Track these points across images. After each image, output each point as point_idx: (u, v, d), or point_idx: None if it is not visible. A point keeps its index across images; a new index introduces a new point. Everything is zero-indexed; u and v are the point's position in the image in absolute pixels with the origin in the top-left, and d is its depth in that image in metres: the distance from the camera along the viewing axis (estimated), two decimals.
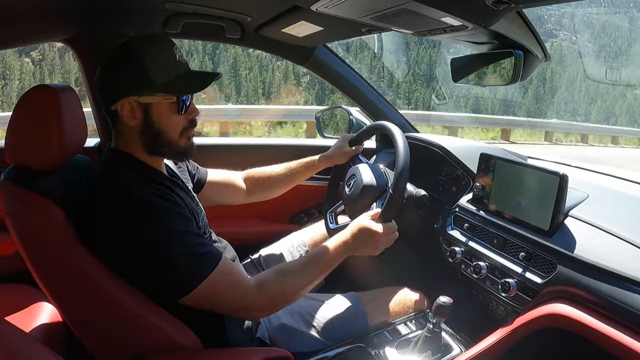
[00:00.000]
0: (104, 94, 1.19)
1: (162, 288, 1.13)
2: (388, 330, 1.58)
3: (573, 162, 1.90)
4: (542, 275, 1.28)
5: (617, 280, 1.12)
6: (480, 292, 1.58)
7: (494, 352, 1.30)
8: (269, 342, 1.45)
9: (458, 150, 1.85)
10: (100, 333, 1.16)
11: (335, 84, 2.27)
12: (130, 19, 1.69)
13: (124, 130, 1.21)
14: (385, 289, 1.74)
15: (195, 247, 1.14)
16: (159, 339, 1.14)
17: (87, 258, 1.10)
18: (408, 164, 1.46)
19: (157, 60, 1.16)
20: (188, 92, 1.21)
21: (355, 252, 1.38)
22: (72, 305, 1.15)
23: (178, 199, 1.21)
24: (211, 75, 1.25)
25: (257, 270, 1.78)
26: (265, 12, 1.63)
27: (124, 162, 1.21)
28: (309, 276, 1.29)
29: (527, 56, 1.46)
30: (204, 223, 1.40)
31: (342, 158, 1.83)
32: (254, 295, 1.20)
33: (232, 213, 2.10)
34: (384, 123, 1.66)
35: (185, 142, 1.26)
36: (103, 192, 1.16)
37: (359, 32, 1.67)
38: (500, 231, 1.46)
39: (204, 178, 1.67)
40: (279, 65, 28.39)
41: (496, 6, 1.11)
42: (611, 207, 1.42)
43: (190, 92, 1.23)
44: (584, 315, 1.13)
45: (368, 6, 1.27)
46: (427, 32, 1.46)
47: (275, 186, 1.82)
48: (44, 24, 1.55)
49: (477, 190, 1.56)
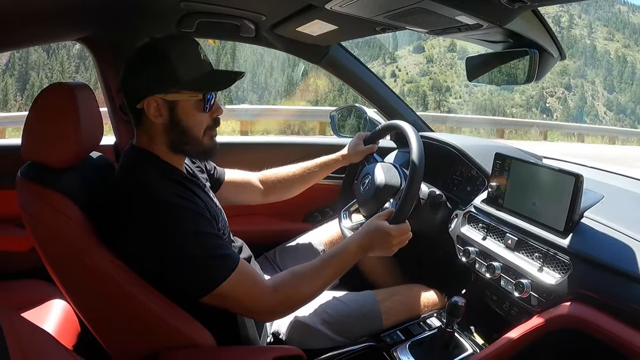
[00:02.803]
0: (129, 92, 1.20)
1: (181, 288, 1.14)
2: (401, 330, 1.58)
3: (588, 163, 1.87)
4: (557, 276, 1.27)
5: (633, 282, 1.11)
6: (494, 292, 1.57)
7: (507, 353, 1.29)
8: (283, 338, 1.46)
9: (473, 150, 1.83)
10: (116, 330, 1.18)
11: (350, 83, 2.26)
12: (146, 18, 1.71)
13: (149, 128, 1.22)
14: (400, 288, 1.74)
15: (215, 249, 1.15)
16: (174, 336, 1.15)
17: (104, 255, 1.11)
18: (423, 164, 1.45)
19: (183, 58, 1.17)
20: (214, 90, 1.23)
21: (369, 252, 1.37)
22: (88, 302, 1.17)
23: (199, 200, 1.22)
24: (236, 74, 1.26)
25: (272, 267, 1.80)
26: (279, 11, 1.63)
27: (147, 160, 1.23)
28: (323, 278, 1.29)
29: (542, 55, 1.45)
30: (224, 223, 1.40)
31: (357, 157, 1.82)
32: (270, 297, 1.20)
33: (246, 211, 2.11)
34: (399, 122, 1.65)
35: (208, 141, 1.27)
36: (124, 190, 1.17)
37: (373, 30, 1.66)
38: (515, 231, 1.45)
39: (222, 178, 1.68)
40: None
41: (511, 5, 1.10)
42: (627, 208, 1.40)
43: (217, 90, 1.24)
44: (598, 317, 1.12)
45: (383, 5, 1.26)
46: (442, 30, 1.45)
47: (291, 187, 1.83)
48: (60, 23, 1.56)
49: (492, 190, 1.55)
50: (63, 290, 1.15)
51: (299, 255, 1.83)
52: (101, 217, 1.16)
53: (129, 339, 1.18)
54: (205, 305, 1.16)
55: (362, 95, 2.29)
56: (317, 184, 1.88)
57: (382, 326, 1.58)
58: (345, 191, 1.91)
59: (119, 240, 1.14)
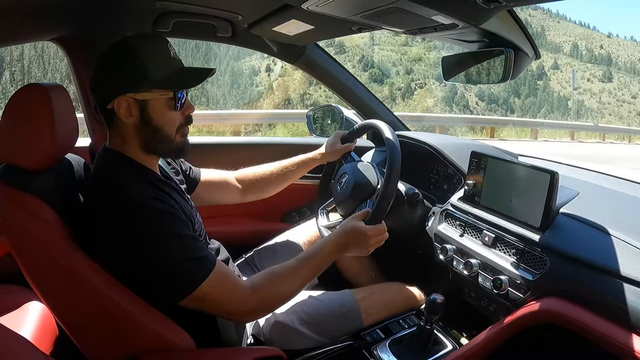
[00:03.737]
0: (99, 92, 1.18)
1: (158, 291, 1.13)
2: (381, 328, 1.59)
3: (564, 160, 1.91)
4: (534, 271, 1.29)
5: (607, 276, 1.13)
6: (472, 289, 1.59)
7: (487, 349, 1.31)
8: (263, 339, 1.46)
9: (449, 148, 1.85)
10: (94, 334, 1.15)
11: (326, 83, 2.27)
12: (121, 17, 1.68)
13: (120, 129, 1.20)
14: (378, 286, 1.75)
15: (193, 251, 1.14)
16: (153, 339, 1.13)
17: (80, 259, 1.08)
18: (399, 163, 1.46)
19: (153, 56, 1.16)
20: (185, 87, 1.21)
21: (345, 252, 1.39)
22: (65, 306, 1.14)
23: (173, 201, 1.21)
24: (206, 70, 1.25)
25: (252, 270, 1.79)
26: (256, 11, 1.62)
27: (120, 163, 1.21)
28: (301, 278, 1.29)
29: (518, 54, 1.47)
30: (199, 225, 1.39)
31: (334, 155, 1.82)
32: (248, 297, 1.20)
33: (224, 212, 2.10)
34: (375, 121, 1.66)
35: (180, 139, 1.26)
36: (99, 193, 1.15)
37: (349, 30, 1.66)
38: (492, 228, 1.47)
39: (198, 178, 1.66)
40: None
41: (487, 5, 1.11)
42: (601, 204, 1.43)
43: (187, 87, 1.22)
44: (576, 311, 1.14)
45: (359, 4, 1.27)
46: (418, 30, 1.46)
47: (269, 185, 1.81)
48: (34, 23, 1.53)
49: (468, 188, 1.57)
50: (39, 295, 1.12)
51: (277, 255, 1.81)
52: (77, 220, 1.14)
53: (107, 343, 1.16)
54: (184, 308, 1.14)
55: (339, 95, 2.29)
56: (294, 183, 1.87)
57: (362, 325, 1.58)
58: (322, 190, 1.91)
59: (95, 243, 1.12)
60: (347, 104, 2.34)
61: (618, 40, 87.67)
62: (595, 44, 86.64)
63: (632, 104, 66.13)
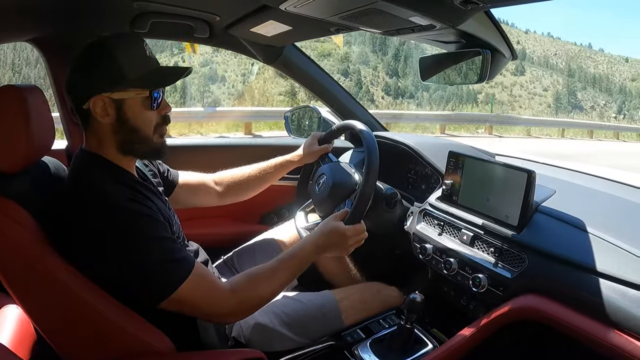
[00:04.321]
0: (75, 92, 1.16)
1: (137, 294, 1.11)
2: (361, 328, 1.59)
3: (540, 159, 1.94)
4: (512, 269, 1.30)
5: (584, 273, 1.15)
6: (452, 287, 1.61)
7: (467, 347, 1.32)
8: (244, 341, 1.45)
9: (426, 148, 1.87)
10: (72, 339, 1.13)
11: (303, 83, 2.27)
12: (98, 18, 1.65)
13: (96, 130, 1.19)
14: (358, 286, 1.75)
15: (171, 253, 1.13)
16: (131, 343, 1.11)
17: (57, 262, 1.06)
18: (377, 163, 1.46)
19: (128, 55, 1.15)
20: (161, 86, 1.20)
21: (325, 253, 1.39)
22: (42, 311, 1.12)
23: (151, 203, 1.19)
24: (182, 69, 1.24)
25: (231, 272, 1.78)
26: (234, 12, 1.61)
27: (97, 165, 1.19)
28: (280, 279, 1.29)
29: (495, 55, 1.49)
30: (177, 227, 1.38)
31: (311, 157, 1.82)
32: (228, 299, 1.19)
33: (202, 214, 2.08)
34: (353, 122, 1.66)
35: (158, 139, 1.24)
36: (75, 195, 1.13)
37: (327, 31, 1.66)
38: (470, 227, 1.48)
39: (176, 180, 1.64)
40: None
41: (464, 6, 1.12)
42: (578, 201, 1.45)
43: (163, 86, 1.22)
44: (554, 307, 1.16)
45: (337, 6, 1.27)
46: (396, 31, 1.47)
47: (247, 188, 1.81)
48: (8, 24, 1.49)
49: (446, 187, 1.58)
50: (15, 299, 1.09)
51: (256, 257, 1.80)
52: (53, 223, 1.12)
53: (86, 348, 1.14)
54: (164, 311, 1.13)
55: (317, 96, 2.29)
56: (273, 185, 1.87)
57: (342, 325, 1.58)
58: (301, 192, 1.91)
59: (71, 247, 1.10)
60: (324, 104, 2.34)
61: (535, 36, 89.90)
62: (512, 40, 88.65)
63: (543, 97, 68.06)
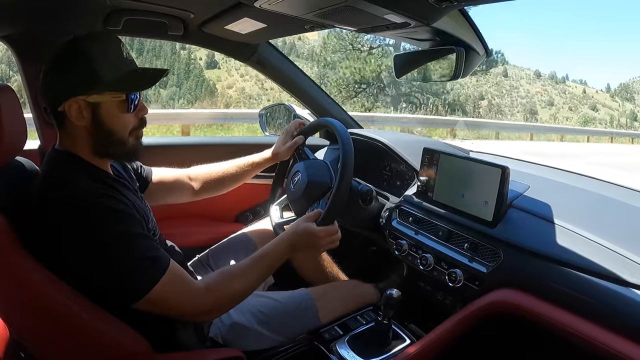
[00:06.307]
0: (49, 94, 1.14)
1: (112, 293, 1.09)
2: (339, 325, 1.59)
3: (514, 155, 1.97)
4: (488, 264, 1.32)
5: (558, 266, 1.17)
6: (428, 283, 1.62)
7: (444, 341, 1.33)
8: (222, 341, 1.44)
9: (401, 145, 1.88)
10: (47, 342, 1.11)
11: (278, 82, 2.26)
12: (70, 15, 1.61)
13: (71, 131, 1.16)
14: (334, 284, 1.76)
15: (146, 251, 1.11)
16: (108, 345, 1.10)
17: (30, 264, 1.04)
18: (352, 161, 1.47)
19: (105, 58, 1.12)
20: (138, 89, 1.19)
21: (297, 252, 1.40)
22: (16, 314, 1.10)
23: (127, 200, 1.17)
24: (159, 71, 1.21)
25: (206, 270, 1.76)
26: (208, 9, 1.60)
27: (70, 162, 1.17)
28: (254, 277, 1.29)
29: (469, 53, 1.51)
30: (153, 224, 1.36)
31: (285, 153, 1.81)
32: (203, 297, 1.18)
33: (177, 213, 2.06)
34: (328, 119, 1.66)
35: (134, 141, 1.23)
36: (48, 194, 1.10)
37: (302, 29, 1.66)
38: (445, 223, 1.49)
39: (149, 176, 1.62)
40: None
41: (438, 4, 1.14)
42: (551, 196, 1.48)
43: (140, 89, 1.20)
44: (529, 301, 1.18)
45: (311, 3, 1.27)
46: (371, 29, 1.48)
47: (223, 184, 1.80)
48: None
49: (421, 184, 1.59)
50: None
51: (231, 255, 1.80)
52: (26, 224, 1.09)
53: (61, 351, 1.12)
54: (140, 311, 1.11)
55: (292, 94, 2.29)
56: (248, 183, 1.86)
57: (320, 323, 1.58)
58: (276, 189, 1.90)
59: (46, 248, 1.07)
60: (300, 102, 2.33)
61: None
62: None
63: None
